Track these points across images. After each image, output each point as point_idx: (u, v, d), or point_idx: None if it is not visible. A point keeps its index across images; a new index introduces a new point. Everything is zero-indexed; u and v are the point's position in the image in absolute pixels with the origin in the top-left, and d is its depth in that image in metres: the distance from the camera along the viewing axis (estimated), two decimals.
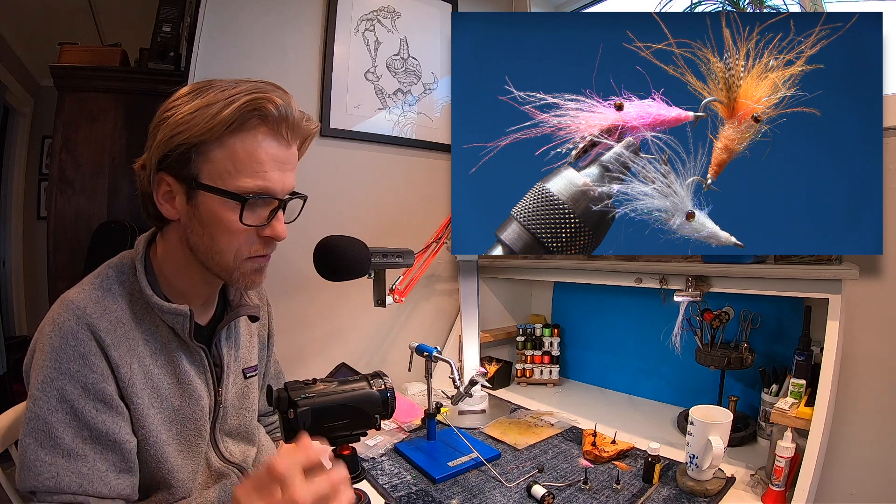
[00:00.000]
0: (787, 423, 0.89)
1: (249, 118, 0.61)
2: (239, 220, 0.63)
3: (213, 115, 0.59)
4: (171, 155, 0.62)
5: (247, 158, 0.62)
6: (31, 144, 3.02)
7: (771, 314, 1.20)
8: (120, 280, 0.68)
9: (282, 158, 0.65)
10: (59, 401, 0.60)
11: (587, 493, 0.93)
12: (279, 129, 0.63)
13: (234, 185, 0.62)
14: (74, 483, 0.59)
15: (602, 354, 1.62)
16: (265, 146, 0.63)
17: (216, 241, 0.65)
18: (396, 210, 1.62)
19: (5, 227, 2.96)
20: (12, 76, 2.71)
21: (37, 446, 0.59)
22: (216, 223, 0.64)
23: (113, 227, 1.69)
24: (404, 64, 1.63)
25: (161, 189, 0.65)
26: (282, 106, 0.62)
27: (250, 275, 0.69)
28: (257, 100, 0.60)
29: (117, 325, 0.65)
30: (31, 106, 2.98)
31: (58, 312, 0.63)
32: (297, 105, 0.66)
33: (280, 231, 0.67)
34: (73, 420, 0.60)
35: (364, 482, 0.97)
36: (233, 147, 0.61)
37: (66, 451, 0.60)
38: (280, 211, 0.67)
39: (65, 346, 0.60)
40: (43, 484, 0.58)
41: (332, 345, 1.52)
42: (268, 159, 0.63)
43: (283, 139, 0.64)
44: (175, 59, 1.86)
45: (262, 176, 0.62)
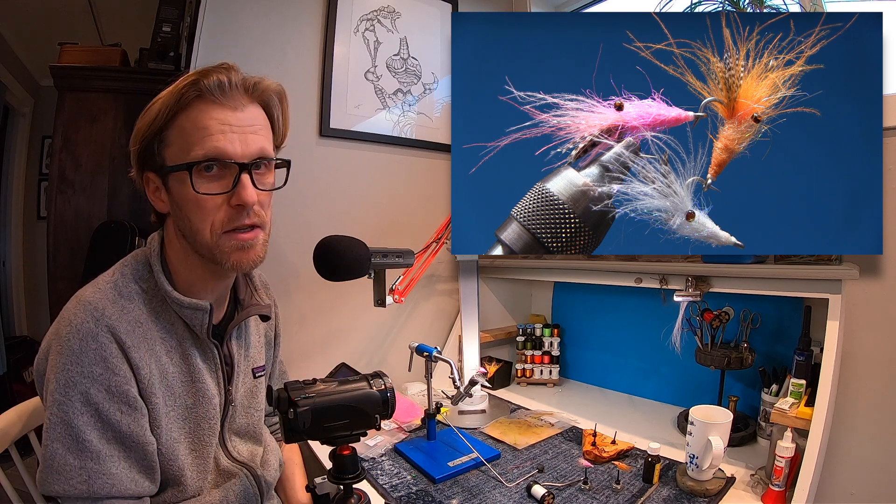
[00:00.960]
0: (787, 423, 0.89)
1: (187, 95, 0.63)
2: (192, 188, 0.63)
3: (158, 102, 0.64)
4: (141, 151, 0.67)
5: (192, 128, 0.63)
6: (31, 144, 3.01)
7: (771, 314, 1.20)
8: (136, 278, 0.69)
9: (231, 121, 0.64)
10: (84, 404, 0.60)
11: (587, 493, 0.93)
12: (219, 96, 0.64)
13: (187, 158, 0.63)
14: (107, 485, 0.60)
15: (602, 354, 1.62)
16: (208, 113, 0.64)
17: (191, 220, 0.66)
18: (396, 210, 1.62)
19: (5, 227, 2.96)
20: (12, 76, 2.70)
21: (65, 451, 0.59)
22: (185, 201, 0.65)
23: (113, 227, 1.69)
24: (404, 64, 1.63)
25: (150, 187, 0.69)
26: (217, 76, 0.63)
27: (233, 253, 0.67)
28: (192, 78, 0.63)
29: (136, 326, 0.65)
30: (31, 106, 2.98)
31: (74, 313, 0.62)
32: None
33: (245, 196, 0.64)
34: (98, 422, 0.61)
35: (364, 482, 0.97)
36: (181, 125, 0.64)
37: (94, 454, 0.60)
38: (244, 175, 0.65)
39: (85, 348, 0.60)
40: (75, 488, 0.59)
41: (332, 345, 1.52)
42: (212, 123, 0.63)
43: (227, 105, 0.64)
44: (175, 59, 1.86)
45: (207, 140, 0.63)
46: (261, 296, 0.84)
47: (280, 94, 0.73)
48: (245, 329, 0.82)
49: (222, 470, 0.76)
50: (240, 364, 0.79)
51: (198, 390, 0.71)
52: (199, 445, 0.72)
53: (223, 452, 0.77)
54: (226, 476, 0.76)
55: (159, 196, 0.69)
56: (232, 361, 0.78)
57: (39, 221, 2.96)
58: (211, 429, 0.73)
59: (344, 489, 0.71)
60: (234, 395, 0.78)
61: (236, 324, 0.78)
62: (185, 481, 0.69)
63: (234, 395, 0.77)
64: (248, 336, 0.83)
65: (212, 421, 0.73)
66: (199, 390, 0.71)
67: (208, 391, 0.72)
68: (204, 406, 0.72)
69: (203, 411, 0.72)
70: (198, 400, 0.71)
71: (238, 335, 0.80)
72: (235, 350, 0.79)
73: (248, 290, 0.82)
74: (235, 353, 0.78)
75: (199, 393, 0.71)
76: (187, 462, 0.69)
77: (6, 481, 0.77)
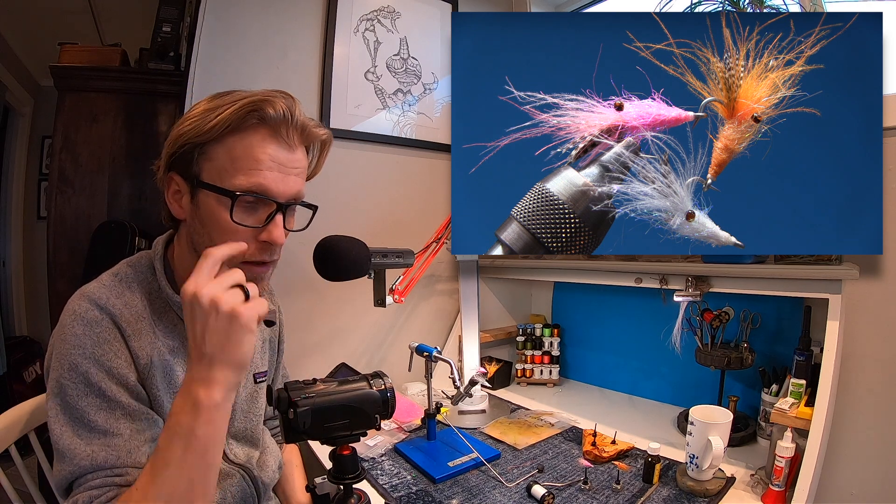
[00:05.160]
0: (787, 423, 0.89)
1: (249, 119, 0.62)
2: (230, 216, 0.62)
3: (216, 116, 0.61)
4: (178, 154, 0.64)
5: (244, 156, 0.62)
6: (31, 144, 3.01)
7: (771, 314, 1.20)
8: (138, 279, 0.70)
9: (282, 160, 0.64)
10: (86, 385, 0.60)
11: (587, 493, 0.93)
12: (279, 131, 0.64)
13: (230, 182, 0.62)
14: (112, 457, 0.60)
15: (602, 354, 1.62)
16: (263, 145, 0.63)
17: (214, 240, 0.65)
18: (396, 210, 1.63)
19: (5, 227, 2.96)
20: (12, 76, 2.71)
21: (72, 434, 0.59)
22: (213, 222, 0.64)
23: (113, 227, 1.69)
24: (404, 64, 1.63)
25: (171, 188, 0.67)
26: (282, 108, 0.63)
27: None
28: (257, 102, 0.62)
29: (139, 318, 0.66)
30: (31, 106, 2.98)
31: (78, 304, 0.63)
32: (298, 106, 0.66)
33: (276, 236, 0.65)
34: (102, 402, 0.61)
35: (364, 482, 0.97)
36: (231, 146, 0.62)
37: (101, 432, 0.60)
38: (279, 215, 0.65)
39: (89, 332, 0.61)
40: (79, 466, 0.59)
41: (332, 345, 1.52)
42: (265, 158, 0.63)
43: (283, 141, 0.64)
44: (175, 59, 1.86)
45: (257, 174, 0.62)
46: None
47: (325, 144, 0.73)
48: None
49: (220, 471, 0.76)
50: None
51: None
52: None
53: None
54: (221, 477, 0.76)
55: (179, 200, 0.67)
56: None
57: (39, 221, 2.96)
58: None
59: (344, 489, 0.71)
60: (235, 399, 0.77)
61: None
62: None
63: (234, 399, 0.77)
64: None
65: None
66: None
67: None
68: None
69: None
70: None
71: None
72: None
73: None
74: None
75: None
76: None
77: (6, 481, 0.77)
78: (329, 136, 0.73)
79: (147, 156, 1.79)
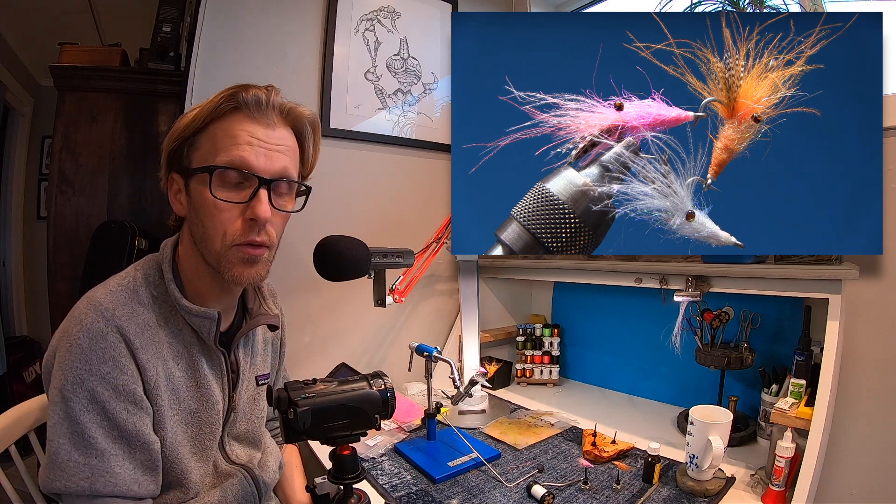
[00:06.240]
0: (787, 423, 0.89)
1: (226, 105, 0.65)
2: (209, 191, 0.64)
3: (199, 111, 0.66)
4: (172, 152, 0.69)
5: (223, 136, 0.65)
6: (31, 144, 3.01)
7: (771, 314, 1.20)
8: (147, 283, 0.70)
9: (260, 136, 0.66)
10: (91, 401, 0.60)
11: (587, 493, 0.93)
12: (256, 111, 0.66)
13: (211, 162, 0.65)
14: (109, 484, 0.60)
15: (602, 354, 1.62)
16: (242, 125, 0.66)
17: (205, 225, 0.66)
18: (396, 210, 1.62)
19: (5, 227, 2.96)
20: (12, 76, 2.71)
21: (69, 447, 0.59)
22: (202, 205, 0.66)
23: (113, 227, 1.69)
24: (404, 64, 1.63)
25: (172, 189, 0.71)
26: (256, 92, 0.66)
27: (237, 265, 0.67)
28: (233, 88, 0.66)
29: (145, 329, 0.66)
30: (31, 106, 2.98)
31: (85, 313, 0.63)
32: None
33: (260, 211, 0.65)
34: (104, 420, 0.61)
35: (364, 482, 0.97)
36: (213, 132, 0.66)
37: (98, 452, 0.60)
38: (262, 191, 0.66)
39: (94, 347, 0.61)
40: (77, 485, 0.59)
41: (332, 345, 1.52)
42: (243, 134, 0.65)
43: (261, 120, 0.67)
44: (175, 59, 1.86)
45: (235, 148, 0.65)
46: (269, 305, 0.84)
47: (313, 123, 0.74)
48: (252, 337, 0.83)
49: (220, 472, 0.76)
50: (245, 372, 0.80)
51: (202, 396, 0.72)
52: (202, 449, 0.72)
53: (221, 456, 0.77)
54: (223, 477, 0.76)
55: (179, 198, 0.70)
56: (238, 369, 0.78)
57: (39, 221, 2.96)
58: (212, 433, 0.73)
59: (344, 489, 0.71)
60: (238, 401, 0.78)
61: (244, 333, 0.78)
62: (188, 483, 0.69)
63: (237, 402, 0.78)
64: (254, 344, 0.84)
65: (213, 426, 0.73)
66: (203, 396, 0.72)
67: (213, 397, 0.73)
68: (207, 411, 0.72)
69: (206, 416, 0.72)
70: (202, 405, 0.72)
71: (245, 343, 0.81)
72: (242, 358, 0.79)
73: (256, 300, 0.83)
74: (242, 361, 0.79)
75: (203, 398, 0.72)
76: (190, 465, 0.70)
77: (6, 481, 0.77)
78: (314, 116, 0.74)
79: (147, 156, 1.79)
